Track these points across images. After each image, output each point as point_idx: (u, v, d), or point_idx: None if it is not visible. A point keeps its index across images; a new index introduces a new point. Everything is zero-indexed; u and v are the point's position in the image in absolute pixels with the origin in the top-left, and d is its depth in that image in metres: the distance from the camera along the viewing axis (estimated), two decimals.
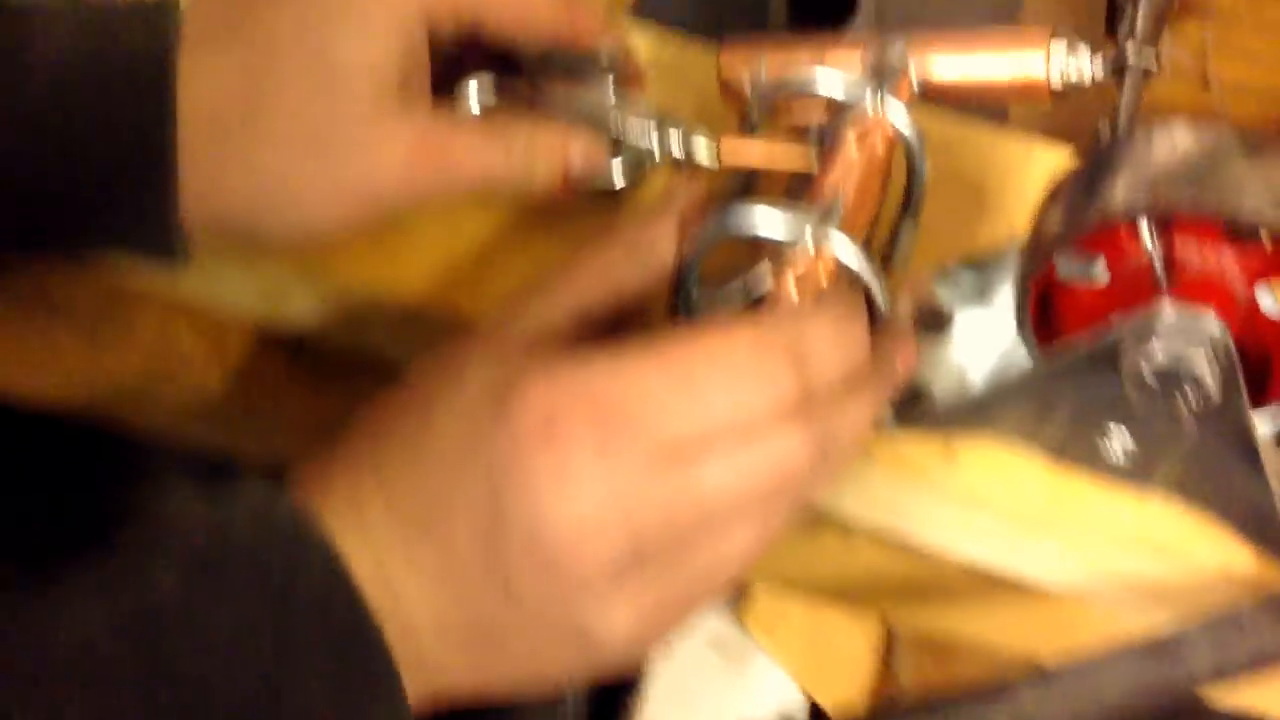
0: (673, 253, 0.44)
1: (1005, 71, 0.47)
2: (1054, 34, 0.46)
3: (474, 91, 0.48)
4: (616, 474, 0.35)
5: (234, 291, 0.52)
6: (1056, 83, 0.47)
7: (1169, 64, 0.73)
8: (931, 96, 0.49)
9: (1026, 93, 0.48)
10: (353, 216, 0.44)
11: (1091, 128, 0.47)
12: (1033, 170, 0.54)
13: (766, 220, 0.42)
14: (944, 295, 0.51)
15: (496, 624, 0.36)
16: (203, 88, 0.42)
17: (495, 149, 0.46)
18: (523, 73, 0.49)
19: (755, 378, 0.36)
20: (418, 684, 0.36)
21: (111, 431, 0.56)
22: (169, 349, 0.53)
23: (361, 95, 0.43)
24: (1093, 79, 0.46)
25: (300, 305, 0.51)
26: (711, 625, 1.10)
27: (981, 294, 0.51)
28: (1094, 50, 0.46)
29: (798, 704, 1.01)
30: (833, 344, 0.38)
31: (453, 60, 0.48)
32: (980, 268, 0.50)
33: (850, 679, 1.10)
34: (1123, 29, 0.48)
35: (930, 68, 0.48)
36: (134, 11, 0.43)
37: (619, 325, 0.43)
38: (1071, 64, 0.46)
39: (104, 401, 0.54)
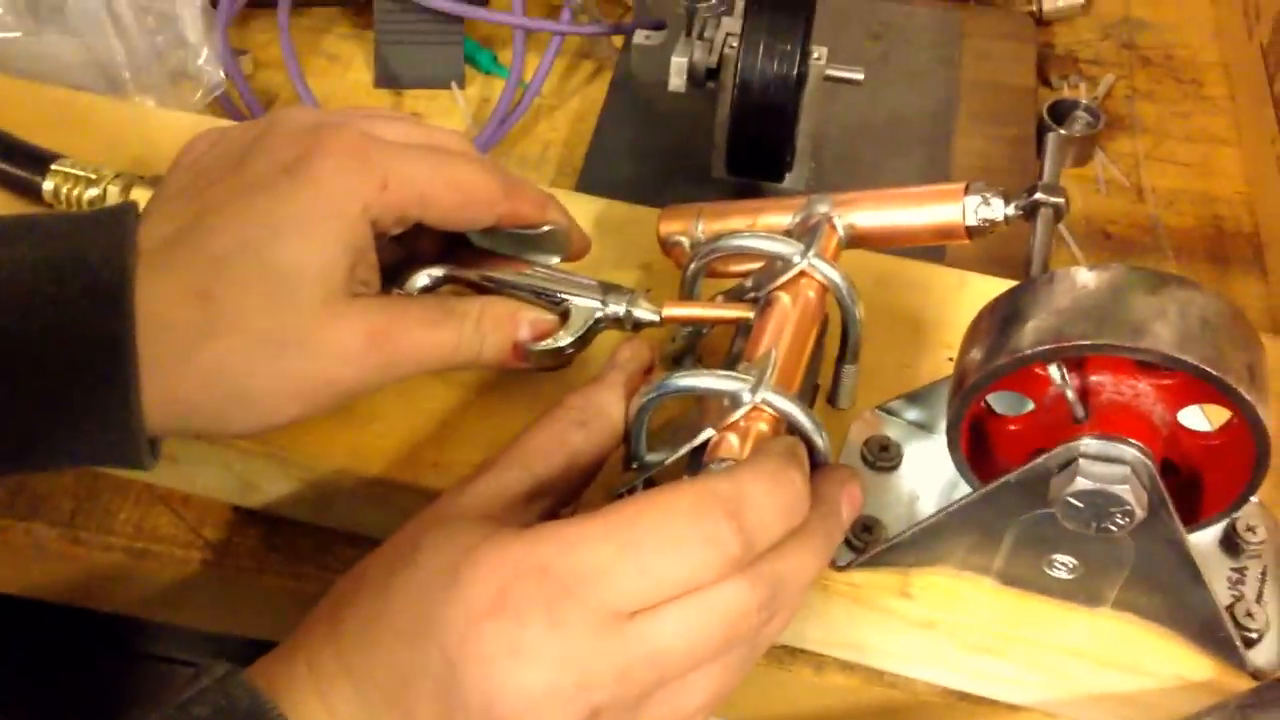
0: (621, 416, 0.46)
1: (924, 220, 0.50)
2: (967, 189, 0.49)
3: (422, 281, 0.51)
4: (568, 643, 0.37)
5: (206, 478, 0.54)
6: (973, 223, 0.50)
7: (1105, 181, 0.77)
8: (859, 244, 0.52)
9: (946, 234, 0.50)
10: (311, 407, 0.46)
11: (1024, 254, 0.50)
12: (967, 299, 0.57)
13: (705, 383, 0.45)
14: (891, 430, 0.53)
15: None
16: (160, 302, 0.44)
17: (446, 328, 0.48)
18: (470, 250, 0.52)
19: (697, 539, 0.38)
20: None
21: (96, 612, 0.57)
22: (147, 532, 0.55)
23: (312, 298, 0.45)
24: (1006, 219, 0.49)
25: (271, 487, 0.53)
26: None
27: (926, 425, 0.53)
28: (1007, 197, 0.49)
29: None
30: (770, 497, 0.40)
31: (402, 241, 0.51)
32: (923, 400, 0.53)
33: None
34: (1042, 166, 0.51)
35: (856, 220, 0.51)
36: (94, 225, 0.46)
37: (576, 488, 0.45)
38: (984, 211, 0.49)
39: (86, 586, 0.56)
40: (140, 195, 0.58)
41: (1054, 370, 0.42)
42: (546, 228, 0.51)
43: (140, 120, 0.64)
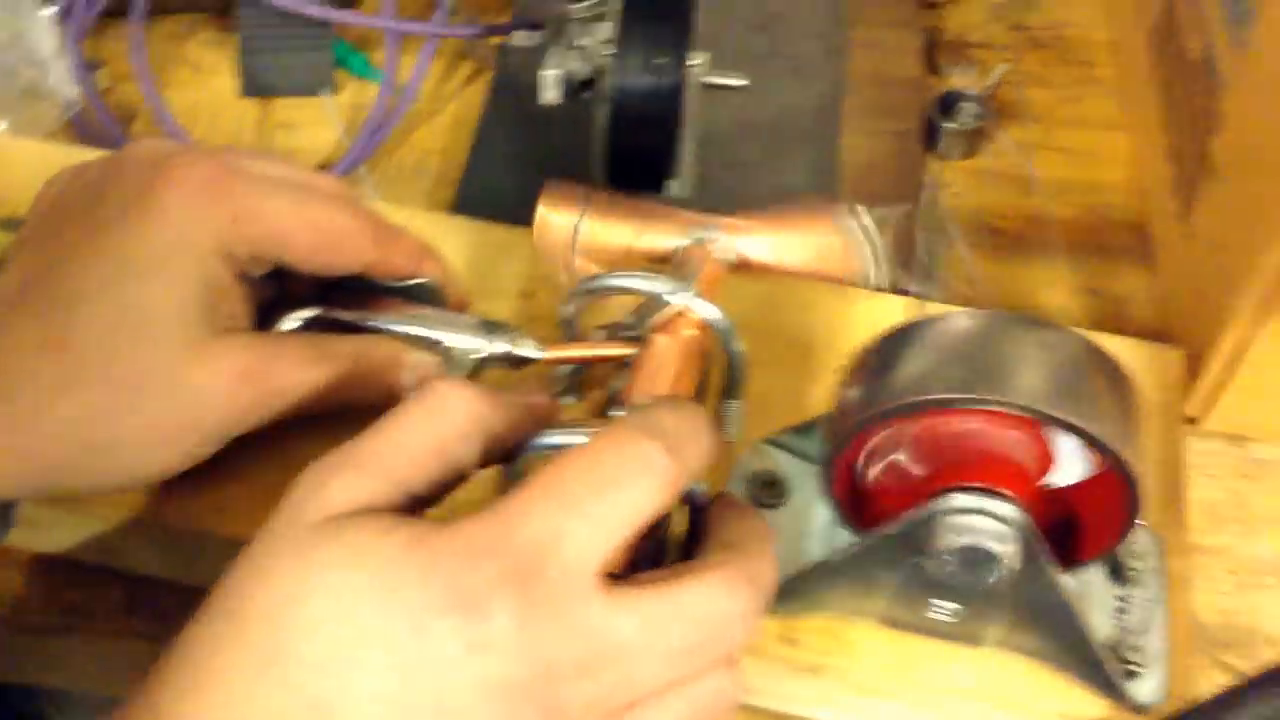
0: None
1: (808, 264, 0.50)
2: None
3: (292, 325, 0.49)
4: (537, 627, 0.33)
5: (64, 540, 0.52)
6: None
7: (994, 173, 0.76)
8: (745, 272, 0.51)
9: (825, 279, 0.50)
10: (181, 454, 0.44)
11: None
12: (857, 318, 0.56)
13: (576, 441, 0.43)
14: (779, 462, 0.52)
15: None
16: (12, 354, 0.42)
17: (322, 368, 0.46)
18: (349, 291, 0.50)
19: (627, 466, 0.35)
20: None
21: None
22: (6, 599, 0.52)
23: (171, 339, 0.43)
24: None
25: (134, 548, 0.51)
26: None
27: (814, 458, 0.52)
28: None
29: None
30: (675, 416, 0.38)
31: (275, 280, 0.48)
32: (810, 432, 0.52)
33: None
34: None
35: (742, 250, 0.50)
36: None
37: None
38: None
39: None
40: None
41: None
42: (421, 280, 0.49)
43: None
